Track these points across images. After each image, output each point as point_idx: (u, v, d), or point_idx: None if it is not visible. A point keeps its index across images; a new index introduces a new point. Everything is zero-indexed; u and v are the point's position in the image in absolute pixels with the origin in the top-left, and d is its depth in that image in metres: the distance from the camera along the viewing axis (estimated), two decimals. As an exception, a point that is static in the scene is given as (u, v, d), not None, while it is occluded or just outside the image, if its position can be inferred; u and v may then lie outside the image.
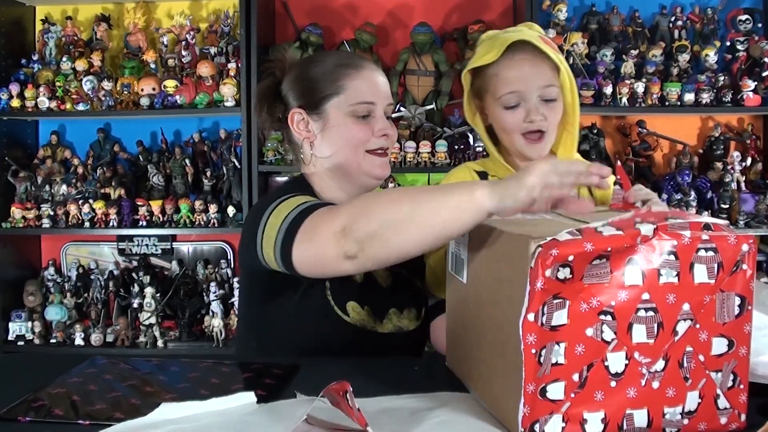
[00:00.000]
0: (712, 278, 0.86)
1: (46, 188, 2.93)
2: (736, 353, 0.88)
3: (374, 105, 1.38)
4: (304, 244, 1.12)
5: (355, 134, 1.37)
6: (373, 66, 1.44)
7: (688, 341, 0.87)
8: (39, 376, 1.11)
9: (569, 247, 0.82)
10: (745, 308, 0.88)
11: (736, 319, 0.87)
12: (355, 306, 1.35)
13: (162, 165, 2.96)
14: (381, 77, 1.43)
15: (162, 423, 0.92)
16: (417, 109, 2.85)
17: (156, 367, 1.18)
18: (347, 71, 1.39)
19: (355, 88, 1.38)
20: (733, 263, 0.87)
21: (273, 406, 0.98)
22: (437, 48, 2.88)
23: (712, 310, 0.87)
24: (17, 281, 2.99)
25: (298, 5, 3.01)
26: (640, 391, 0.86)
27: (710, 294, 0.86)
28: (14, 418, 0.96)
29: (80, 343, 2.88)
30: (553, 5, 2.80)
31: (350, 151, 1.38)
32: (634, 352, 0.85)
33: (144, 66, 2.95)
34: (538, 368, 0.83)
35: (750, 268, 0.88)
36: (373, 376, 1.09)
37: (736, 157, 2.82)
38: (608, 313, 0.84)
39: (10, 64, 2.98)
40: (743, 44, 2.78)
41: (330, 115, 1.39)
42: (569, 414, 0.84)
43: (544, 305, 0.82)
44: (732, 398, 0.88)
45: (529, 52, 1.38)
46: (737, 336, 0.88)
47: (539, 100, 1.39)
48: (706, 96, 2.69)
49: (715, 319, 0.87)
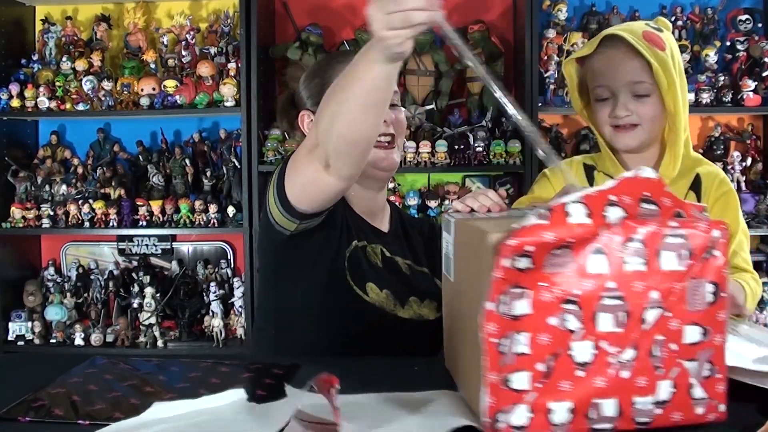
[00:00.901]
0: (681, 265, 0.85)
1: (46, 188, 2.93)
2: (711, 342, 0.86)
3: None
4: (291, 179, 1.23)
5: None
6: None
7: (658, 330, 0.85)
8: (39, 376, 1.11)
9: (528, 237, 0.82)
10: (719, 295, 0.86)
11: (710, 306, 0.86)
12: (373, 287, 1.37)
13: (162, 165, 2.96)
14: None
15: (154, 422, 0.92)
16: (417, 109, 2.85)
17: (156, 367, 1.18)
18: (342, 66, 1.40)
19: None
20: (703, 250, 0.85)
21: (266, 404, 0.98)
22: (437, 48, 2.88)
23: (683, 298, 0.85)
24: (17, 281, 2.99)
25: (298, 5, 3.01)
26: (608, 381, 0.85)
27: (680, 281, 0.85)
28: (14, 418, 0.96)
29: (80, 343, 2.88)
30: (553, 5, 2.80)
31: None
32: (600, 341, 0.84)
33: (144, 66, 2.95)
34: (500, 357, 0.83)
35: (722, 254, 0.86)
36: (372, 376, 1.09)
37: (736, 157, 2.82)
38: (572, 302, 0.83)
39: (10, 64, 2.98)
40: (743, 44, 2.78)
41: None
42: (535, 404, 0.84)
43: (504, 295, 0.83)
44: (709, 388, 0.87)
45: (620, 47, 1.38)
46: (711, 324, 0.86)
47: (629, 96, 1.39)
48: (706, 96, 2.69)
49: (686, 307, 0.85)
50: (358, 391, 0.98)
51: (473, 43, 2.84)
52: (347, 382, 0.97)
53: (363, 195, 1.47)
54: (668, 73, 1.37)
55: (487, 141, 2.74)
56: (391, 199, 2.78)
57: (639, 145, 1.44)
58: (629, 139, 1.42)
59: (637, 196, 0.85)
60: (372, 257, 1.42)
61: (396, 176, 2.91)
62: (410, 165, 2.76)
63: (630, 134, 1.41)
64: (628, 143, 1.42)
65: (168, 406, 0.95)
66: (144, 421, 0.92)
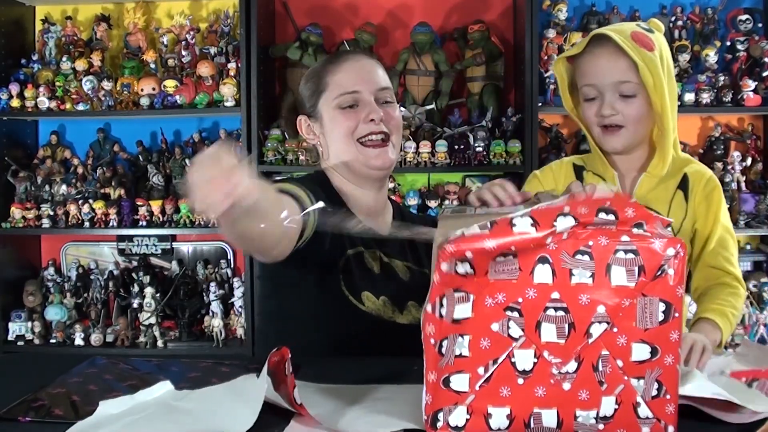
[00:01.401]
0: (631, 281, 0.83)
1: (46, 188, 2.93)
2: (660, 361, 0.84)
3: (359, 93, 1.40)
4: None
5: (342, 123, 1.40)
6: (358, 56, 1.46)
7: (603, 344, 0.84)
8: (39, 376, 1.11)
9: (467, 244, 0.82)
10: (671, 315, 0.83)
11: (661, 325, 0.83)
12: (369, 296, 1.37)
13: (162, 165, 2.96)
14: (366, 65, 1.44)
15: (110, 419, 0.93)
16: (417, 109, 2.85)
17: (156, 367, 1.18)
18: (329, 67, 1.44)
19: (336, 81, 1.42)
20: (656, 267, 0.83)
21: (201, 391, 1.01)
22: (437, 48, 2.88)
23: (633, 315, 0.83)
24: (17, 281, 2.99)
25: (298, 5, 3.01)
26: (549, 391, 0.84)
27: (630, 298, 0.83)
28: (14, 418, 0.96)
29: (80, 343, 2.88)
30: (553, 5, 2.80)
31: (344, 144, 1.41)
32: (543, 351, 0.84)
33: (144, 66, 2.95)
34: (439, 358, 0.85)
35: (676, 273, 0.83)
36: (371, 374, 1.09)
37: (737, 157, 2.82)
38: (515, 310, 0.84)
39: (10, 64, 2.98)
40: (743, 44, 2.78)
41: (323, 114, 1.43)
42: (473, 407, 0.85)
43: (443, 297, 0.84)
44: (656, 408, 0.85)
45: (608, 47, 1.39)
46: (661, 343, 0.84)
47: (616, 95, 1.39)
48: (706, 96, 2.69)
49: (635, 324, 0.83)
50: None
51: (473, 43, 2.84)
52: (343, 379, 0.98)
53: (361, 195, 1.47)
54: (656, 73, 1.37)
55: (487, 141, 2.74)
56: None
57: (625, 147, 1.45)
58: (615, 141, 1.43)
59: (595, 206, 0.84)
60: (369, 263, 1.41)
61: (396, 176, 2.90)
62: (410, 165, 2.76)
63: (616, 136, 1.42)
64: (614, 145, 1.43)
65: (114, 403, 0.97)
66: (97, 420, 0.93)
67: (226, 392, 1.01)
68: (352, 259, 1.39)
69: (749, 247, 2.93)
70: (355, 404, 0.98)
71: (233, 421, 0.89)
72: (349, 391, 1.03)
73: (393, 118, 1.44)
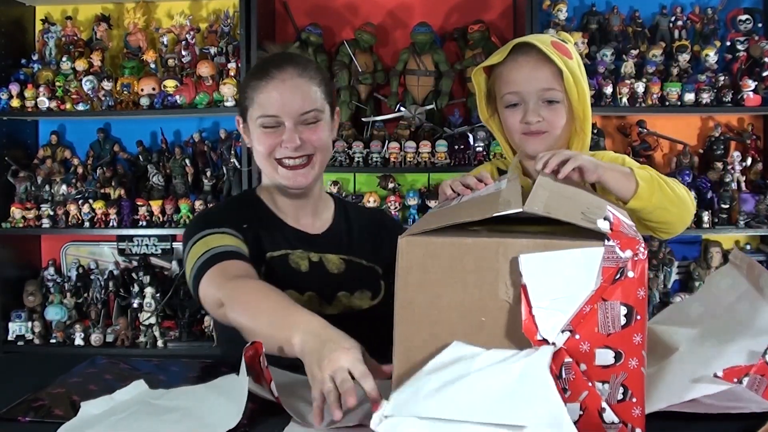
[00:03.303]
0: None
1: (46, 188, 2.93)
2: (625, 365, 0.83)
3: (279, 118, 1.40)
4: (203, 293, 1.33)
5: (263, 142, 1.42)
6: (283, 75, 1.41)
7: (566, 352, 0.83)
8: (39, 376, 1.11)
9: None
10: (633, 318, 0.82)
11: (623, 329, 0.82)
12: (292, 293, 1.39)
13: (162, 165, 2.96)
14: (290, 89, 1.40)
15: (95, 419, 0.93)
16: (417, 109, 2.85)
17: (156, 367, 1.18)
18: (257, 83, 1.42)
19: (260, 101, 1.41)
20: (614, 271, 0.82)
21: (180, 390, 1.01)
22: (437, 48, 2.88)
23: (594, 321, 0.82)
24: (17, 281, 2.99)
25: (298, 5, 3.00)
26: None
27: (590, 304, 0.82)
28: (14, 418, 0.96)
29: (80, 343, 2.88)
30: (553, 5, 2.80)
31: (265, 161, 1.44)
32: None
33: (144, 66, 2.95)
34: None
35: (637, 274, 0.82)
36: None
37: (737, 157, 2.82)
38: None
39: (10, 64, 2.98)
40: (743, 44, 2.78)
41: (251, 126, 1.45)
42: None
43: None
44: (622, 412, 0.84)
45: (532, 55, 1.39)
46: (625, 347, 0.83)
47: (540, 102, 1.40)
48: (706, 96, 2.69)
49: (597, 330, 0.83)
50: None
51: (473, 43, 2.84)
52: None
53: (287, 203, 1.50)
54: (578, 80, 1.39)
55: (487, 141, 2.74)
56: (391, 199, 2.79)
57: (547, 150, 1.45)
58: (538, 143, 1.42)
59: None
60: (294, 264, 1.45)
61: (396, 176, 2.90)
62: (410, 165, 2.76)
63: (539, 139, 1.42)
64: (537, 148, 1.43)
65: (93, 404, 0.98)
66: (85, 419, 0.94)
67: (207, 391, 1.01)
68: (277, 261, 1.43)
69: (749, 247, 2.93)
70: None
71: (220, 416, 0.89)
72: None
73: (315, 138, 1.42)
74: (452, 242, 0.86)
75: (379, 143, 2.80)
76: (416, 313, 0.87)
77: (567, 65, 1.38)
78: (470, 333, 0.85)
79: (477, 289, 0.85)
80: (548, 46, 1.38)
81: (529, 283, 0.82)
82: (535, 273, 0.82)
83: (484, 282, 0.85)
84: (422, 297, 0.87)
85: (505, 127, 1.47)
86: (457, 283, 0.86)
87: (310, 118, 1.42)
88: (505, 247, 0.84)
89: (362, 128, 2.90)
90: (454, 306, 0.86)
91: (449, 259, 0.86)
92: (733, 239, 2.93)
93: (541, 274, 0.82)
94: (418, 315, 0.87)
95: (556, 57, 1.37)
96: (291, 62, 1.44)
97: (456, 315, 0.86)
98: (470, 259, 0.85)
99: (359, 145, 2.78)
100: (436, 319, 0.86)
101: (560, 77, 1.38)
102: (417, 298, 0.87)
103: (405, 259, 0.87)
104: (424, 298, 0.87)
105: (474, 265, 0.85)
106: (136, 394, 1.01)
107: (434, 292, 0.86)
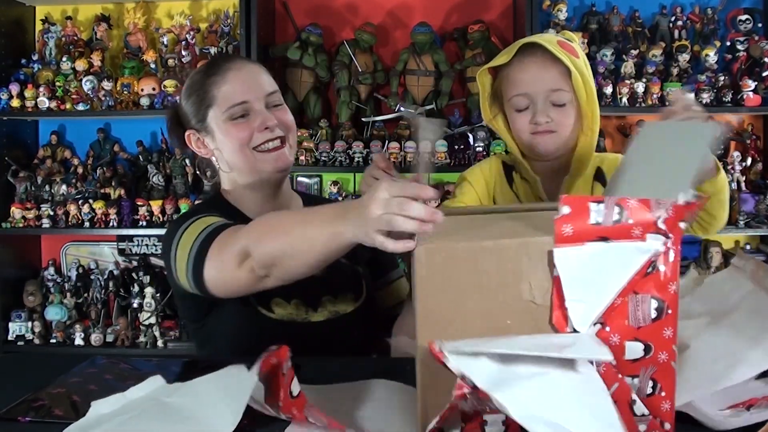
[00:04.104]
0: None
1: (46, 188, 2.93)
2: (654, 359, 0.83)
3: (248, 103, 1.40)
4: (213, 269, 1.20)
5: (236, 135, 1.40)
6: (239, 65, 1.43)
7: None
8: (39, 376, 1.11)
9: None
10: (664, 312, 0.82)
11: (654, 323, 0.82)
12: (279, 302, 1.37)
13: (162, 165, 2.96)
14: (250, 74, 1.42)
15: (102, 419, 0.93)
16: (417, 109, 2.85)
17: (156, 367, 1.18)
18: (213, 80, 1.42)
19: (223, 94, 1.40)
20: (646, 265, 0.81)
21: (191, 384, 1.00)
22: (437, 48, 2.88)
23: (625, 313, 0.82)
24: (17, 281, 2.99)
25: (298, 5, 3.01)
26: None
27: (621, 296, 0.82)
28: (14, 418, 0.96)
29: (80, 343, 2.88)
30: (553, 5, 2.80)
31: (240, 155, 1.41)
32: None
33: (144, 66, 2.95)
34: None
35: (668, 269, 0.81)
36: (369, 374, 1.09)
37: (736, 157, 2.82)
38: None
39: (10, 64, 2.98)
40: (743, 44, 2.78)
41: (214, 127, 1.42)
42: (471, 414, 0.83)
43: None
44: (652, 406, 0.83)
45: (539, 55, 1.39)
46: (655, 341, 0.82)
47: (548, 103, 1.39)
48: (706, 96, 2.69)
49: (628, 323, 0.82)
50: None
51: (473, 43, 2.84)
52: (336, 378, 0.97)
53: (256, 203, 1.46)
54: (586, 79, 1.39)
55: (487, 141, 2.74)
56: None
57: (557, 149, 1.45)
58: (548, 142, 1.42)
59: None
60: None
61: (396, 176, 2.90)
62: (411, 165, 2.76)
63: (548, 138, 1.41)
64: (548, 147, 1.43)
65: (105, 403, 0.97)
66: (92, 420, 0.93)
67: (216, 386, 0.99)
68: None
69: (749, 247, 2.93)
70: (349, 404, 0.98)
71: (216, 421, 0.89)
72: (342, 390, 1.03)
73: (286, 119, 1.43)
74: (472, 247, 0.84)
75: (379, 143, 2.80)
76: (439, 321, 0.85)
77: (575, 64, 1.37)
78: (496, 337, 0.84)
79: (501, 292, 0.84)
80: (555, 45, 1.37)
81: (563, 277, 0.81)
82: (568, 267, 0.81)
83: (507, 284, 0.84)
84: (445, 305, 0.84)
85: (513, 129, 1.46)
86: (479, 287, 0.84)
87: (276, 100, 1.43)
88: (527, 247, 0.83)
89: (362, 128, 2.90)
90: (478, 311, 0.84)
91: (470, 264, 0.84)
92: (733, 239, 2.93)
93: (574, 267, 0.81)
94: (441, 323, 0.84)
95: (563, 56, 1.36)
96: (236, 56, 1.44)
97: (480, 320, 0.84)
98: (491, 262, 0.84)
99: (359, 145, 2.78)
100: (461, 326, 0.84)
101: (568, 77, 1.37)
102: (439, 306, 0.84)
103: (424, 267, 0.84)
104: (446, 306, 0.84)
105: (496, 268, 0.84)
106: (150, 391, 1.00)
107: (457, 298, 0.84)
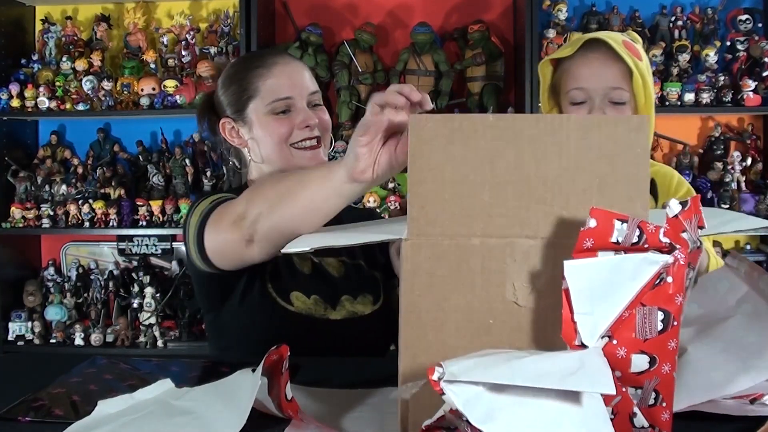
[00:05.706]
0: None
1: (46, 188, 2.93)
2: (658, 370, 0.82)
3: (291, 99, 1.40)
4: (211, 234, 1.20)
5: (276, 130, 1.40)
6: (286, 60, 1.45)
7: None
8: (39, 376, 1.11)
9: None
10: (670, 324, 0.81)
11: (660, 335, 0.81)
12: (299, 296, 1.37)
13: (162, 165, 2.96)
14: (296, 70, 1.43)
15: (107, 419, 0.92)
16: (417, 109, 2.84)
17: (156, 367, 1.18)
18: (259, 72, 1.42)
19: (268, 87, 1.41)
20: (654, 277, 0.80)
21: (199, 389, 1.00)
22: (437, 48, 2.88)
23: (632, 326, 0.81)
24: (17, 281, 2.99)
25: (298, 5, 3.01)
26: None
27: (629, 309, 0.81)
28: (14, 418, 0.96)
29: (80, 343, 2.88)
30: (553, 5, 2.80)
31: (277, 149, 1.41)
32: None
33: (144, 66, 2.95)
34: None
35: (675, 279, 0.80)
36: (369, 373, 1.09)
37: (737, 157, 2.82)
38: None
39: (10, 64, 2.98)
40: (743, 44, 2.78)
41: (253, 119, 1.43)
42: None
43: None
44: (652, 416, 0.83)
45: (602, 51, 1.37)
46: (660, 353, 0.81)
47: (606, 101, 1.37)
48: (706, 96, 2.69)
49: (634, 335, 0.81)
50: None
51: (473, 43, 2.84)
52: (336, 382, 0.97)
53: None
54: (646, 82, 1.37)
55: (487, 141, 2.74)
56: (391, 199, 2.79)
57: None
58: None
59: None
60: (299, 265, 1.42)
61: (396, 176, 2.90)
62: (410, 165, 2.76)
63: None
64: None
65: (111, 403, 0.96)
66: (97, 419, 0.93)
67: (223, 391, 1.00)
68: (281, 262, 1.39)
69: (749, 247, 2.93)
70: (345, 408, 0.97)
71: (221, 424, 0.89)
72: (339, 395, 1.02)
73: (325, 119, 1.44)
74: (458, 244, 0.85)
75: (379, 143, 2.79)
76: (422, 316, 0.85)
77: (637, 66, 1.35)
78: (477, 335, 0.85)
79: (484, 290, 0.84)
80: (620, 44, 1.36)
81: (572, 289, 0.80)
82: (578, 279, 0.80)
83: (491, 283, 0.84)
84: (428, 300, 0.85)
85: None
86: (463, 285, 0.84)
87: (317, 99, 1.44)
88: (512, 248, 0.84)
89: (362, 128, 2.90)
90: (460, 308, 0.85)
91: (455, 261, 0.84)
92: (733, 239, 2.93)
93: (584, 279, 0.80)
94: (424, 318, 0.85)
95: (627, 56, 1.34)
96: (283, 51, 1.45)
97: (463, 317, 0.85)
98: (477, 260, 0.84)
99: (359, 145, 2.77)
100: (443, 322, 0.85)
101: (629, 77, 1.35)
102: (423, 301, 0.85)
103: (410, 262, 0.85)
104: (430, 301, 0.85)
105: (481, 266, 0.84)
106: (159, 393, 1.00)
107: (440, 294, 0.85)
